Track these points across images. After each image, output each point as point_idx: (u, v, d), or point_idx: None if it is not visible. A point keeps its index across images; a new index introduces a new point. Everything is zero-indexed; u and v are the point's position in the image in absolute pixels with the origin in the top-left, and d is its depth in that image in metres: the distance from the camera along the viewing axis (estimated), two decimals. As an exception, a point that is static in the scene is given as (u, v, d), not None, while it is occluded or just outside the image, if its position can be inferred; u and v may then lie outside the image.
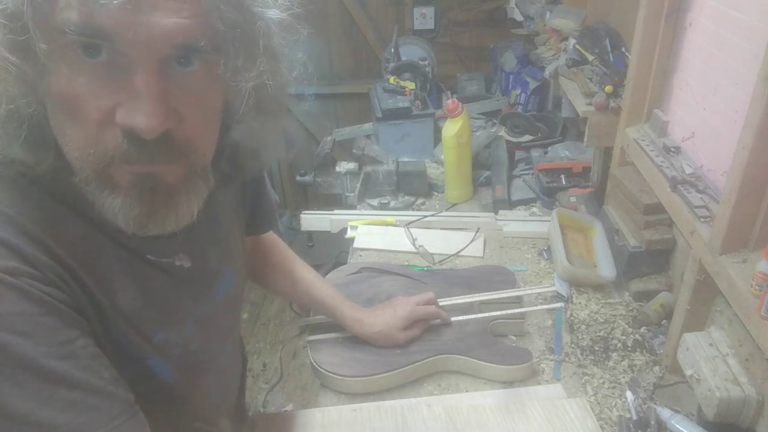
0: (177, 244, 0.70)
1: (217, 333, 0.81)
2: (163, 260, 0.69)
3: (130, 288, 0.65)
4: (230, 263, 0.81)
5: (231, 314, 0.85)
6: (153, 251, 0.67)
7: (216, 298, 0.78)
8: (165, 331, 0.70)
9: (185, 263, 0.71)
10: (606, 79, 1.64)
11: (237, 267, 0.83)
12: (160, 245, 0.68)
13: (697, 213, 1.18)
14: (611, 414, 1.17)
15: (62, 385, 0.54)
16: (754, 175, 0.99)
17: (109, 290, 0.63)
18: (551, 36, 2.14)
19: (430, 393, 1.23)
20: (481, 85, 2.66)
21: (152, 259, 0.67)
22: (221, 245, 0.78)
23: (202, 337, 0.76)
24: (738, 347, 1.08)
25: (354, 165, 2.14)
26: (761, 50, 0.94)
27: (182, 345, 0.73)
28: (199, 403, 0.79)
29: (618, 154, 1.60)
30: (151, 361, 0.69)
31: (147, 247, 0.67)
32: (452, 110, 1.85)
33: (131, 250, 0.65)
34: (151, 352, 0.68)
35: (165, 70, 0.52)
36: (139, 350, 0.67)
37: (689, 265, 1.19)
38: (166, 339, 0.70)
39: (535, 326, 1.42)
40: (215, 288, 0.77)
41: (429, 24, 3.20)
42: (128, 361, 0.66)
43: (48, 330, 0.54)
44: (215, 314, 0.78)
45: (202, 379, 0.79)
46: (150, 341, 0.68)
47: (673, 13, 1.37)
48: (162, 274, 0.69)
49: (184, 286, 0.72)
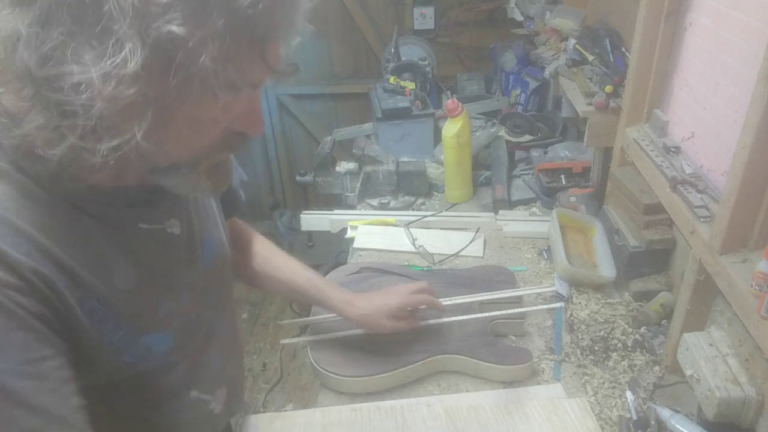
0: (167, 209, 0.72)
1: (212, 301, 0.82)
2: (155, 227, 0.70)
3: (125, 265, 0.65)
4: (211, 232, 0.82)
5: (222, 283, 0.86)
6: (145, 218, 0.69)
7: (204, 265, 0.79)
8: (167, 301, 0.71)
9: (175, 230, 0.73)
10: (606, 79, 1.64)
11: (218, 236, 0.84)
12: (152, 211, 0.70)
13: (697, 213, 1.18)
14: (611, 414, 1.17)
15: (22, 408, 0.51)
16: (754, 175, 0.99)
17: (104, 274, 0.63)
18: (551, 36, 2.14)
19: (430, 393, 1.23)
20: (481, 85, 2.65)
21: (145, 227, 0.68)
22: (201, 213, 0.80)
23: (198, 305, 0.77)
24: (738, 347, 1.08)
25: (354, 165, 2.14)
26: (761, 50, 0.94)
27: (183, 314, 0.74)
28: (197, 372, 0.80)
29: (618, 154, 1.60)
30: (153, 335, 0.69)
31: (139, 215, 0.68)
32: (452, 110, 1.85)
33: (123, 222, 0.66)
34: (155, 325, 0.69)
35: None
36: (143, 326, 0.68)
37: (689, 265, 1.19)
38: (168, 310, 0.71)
39: (535, 326, 1.42)
40: (202, 255, 0.78)
41: (429, 24, 3.20)
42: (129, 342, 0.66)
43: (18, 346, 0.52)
44: (206, 282, 0.80)
45: (201, 347, 0.80)
46: (155, 314, 0.69)
47: (673, 13, 1.37)
48: (155, 244, 0.70)
49: (176, 253, 0.73)
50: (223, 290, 0.87)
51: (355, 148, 2.14)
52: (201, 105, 0.55)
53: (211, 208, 0.85)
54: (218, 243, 0.84)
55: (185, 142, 0.59)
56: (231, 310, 0.92)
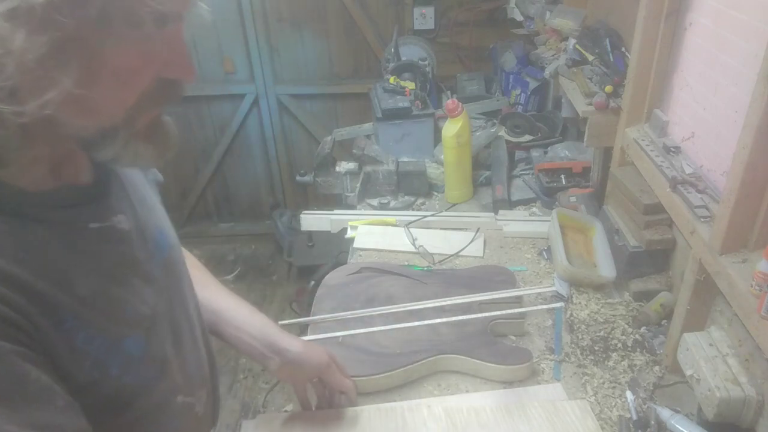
0: (111, 204, 0.68)
1: (175, 297, 0.78)
2: (104, 224, 0.66)
3: (83, 270, 0.62)
4: (158, 223, 0.78)
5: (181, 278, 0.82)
6: (93, 217, 0.65)
7: (159, 259, 0.75)
8: (132, 301, 0.68)
9: (124, 225, 0.69)
10: (606, 79, 1.64)
11: (168, 229, 0.81)
12: (97, 209, 0.66)
13: (697, 213, 1.18)
14: (611, 414, 1.17)
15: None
16: (754, 175, 0.99)
17: (65, 283, 0.59)
18: (551, 36, 2.14)
19: (430, 393, 1.23)
20: (481, 85, 2.65)
21: (95, 226, 0.65)
22: (146, 206, 0.77)
23: (162, 302, 0.74)
24: (738, 347, 1.08)
25: (354, 165, 2.14)
26: (761, 50, 0.94)
27: (151, 315, 0.71)
28: (178, 376, 0.77)
29: (618, 154, 1.60)
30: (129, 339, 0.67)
31: (85, 214, 0.64)
32: (452, 110, 1.85)
33: (72, 224, 0.62)
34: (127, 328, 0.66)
35: None
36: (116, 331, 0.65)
37: (689, 265, 1.19)
38: (135, 310, 0.68)
39: (535, 326, 1.42)
40: (156, 249, 0.75)
41: (429, 24, 3.20)
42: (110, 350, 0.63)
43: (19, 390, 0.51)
44: (166, 277, 0.76)
45: (177, 348, 0.77)
46: (123, 315, 0.66)
47: (673, 13, 1.37)
48: (107, 243, 0.66)
49: (130, 249, 0.70)
50: (183, 285, 0.83)
51: (355, 148, 2.14)
52: (126, 50, 0.52)
53: (153, 201, 0.81)
54: (169, 236, 0.80)
55: (115, 95, 0.55)
56: (195, 306, 0.87)
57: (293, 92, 3.51)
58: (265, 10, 3.24)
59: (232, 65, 3.42)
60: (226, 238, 3.93)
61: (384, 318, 1.36)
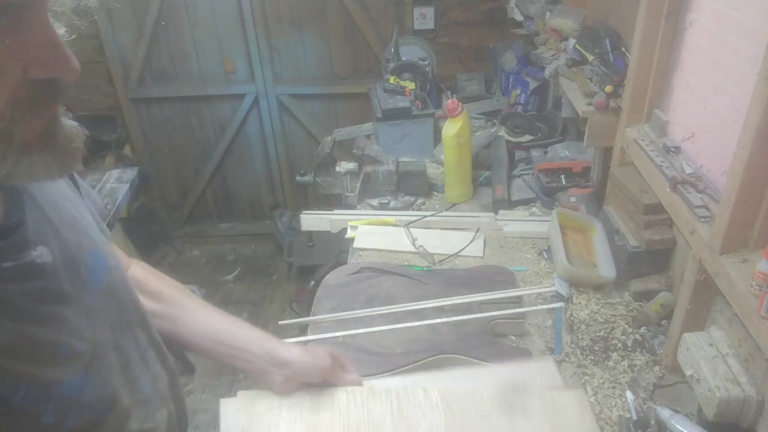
0: (28, 238, 0.60)
1: (118, 323, 0.73)
2: (20, 262, 0.58)
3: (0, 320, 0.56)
4: (93, 246, 0.71)
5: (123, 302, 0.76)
6: (5, 256, 0.57)
7: (96, 287, 0.69)
8: (65, 340, 0.62)
9: (46, 258, 0.61)
10: (606, 79, 1.64)
11: (103, 253, 0.73)
12: (11, 245, 0.58)
13: (697, 213, 1.18)
14: (611, 414, 1.17)
15: None
16: (754, 175, 0.99)
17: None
18: (551, 36, 2.14)
19: (430, 393, 1.23)
20: (481, 85, 2.65)
21: (8, 265, 0.57)
22: (76, 229, 0.69)
23: (106, 331, 0.69)
24: (738, 347, 1.08)
25: (354, 165, 2.14)
26: (761, 50, 0.94)
27: (91, 349, 0.65)
28: (129, 403, 0.72)
29: (618, 154, 1.60)
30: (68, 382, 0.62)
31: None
32: (452, 110, 1.85)
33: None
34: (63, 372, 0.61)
35: None
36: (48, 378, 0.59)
37: (689, 265, 1.19)
38: (71, 349, 0.62)
39: (535, 326, 1.42)
40: (91, 277, 0.68)
41: (429, 24, 3.20)
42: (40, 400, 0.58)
43: None
44: (106, 304, 0.70)
45: (127, 375, 0.72)
46: (56, 360, 0.61)
47: (673, 13, 1.37)
48: (27, 281, 0.59)
49: (56, 284, 0.63)
50: (127, 306, 0.77)
51: (355, 148, 2.14)
52: None
53: (86, 222, 0.73)
54: (107, 258, 0.74)
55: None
56: (144, 325, 0.81)
57: (293, 92, 3.51)
58: (265, 10, 3.24)
59: (232, 65, 3.42)
60: (226, 238, 3.93)
61: (384, 318, 1.36)
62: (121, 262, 0.79)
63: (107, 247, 0.76)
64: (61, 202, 0.70)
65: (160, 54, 3.37)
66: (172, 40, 3.32)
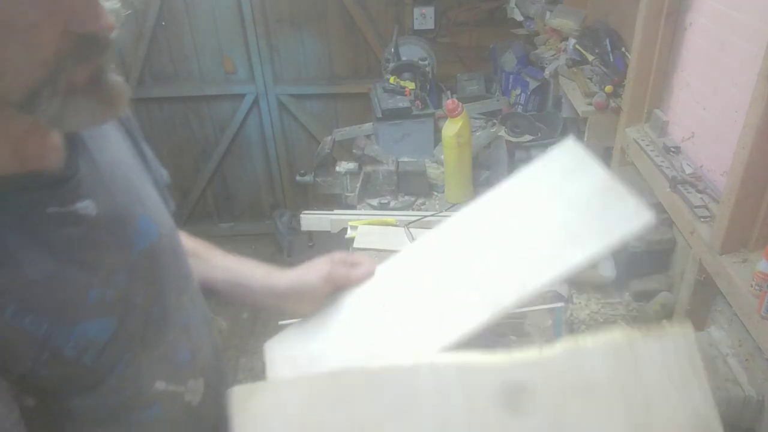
0: (78, 189, 0.66)
1: (161, 286, 0.76)
2: (66, 209, 0.65)
3: (36, 254, 0.61)
4: (144, 211, 0.76)
5: (170, 268, 0.79)
6: (52, 202, 0.63)
7: (139, 246, 0.73)
8: (96, 287, 0.66)
9: (90, 211, 0.67)
10: (606, 79, 1.64)
11: (154, 216, 0.78)
12: (59, 194, 0.64)
13: (697, 213, 1.18)
14: (611, 414, 1.17)
15: None
16: (754, 175, 0.99)
17: (11, 267, 0.59)
18: (551, 36, 2.14)
19: (430, 393, 1.23)
20: (481, 85, 2.65)
21: (53, 210, 0.63)
22: (128, 194, 0.74)
23: (141, 290, 0.72)
24: (738, 347, 1.08)
25: (354, 165, 2.14)
26: (761, 50, 0.94)
27: (123, 299, 0.70)
28: (159, 363, 0.75)
29: (618, 154, 1.60)
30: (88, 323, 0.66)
31: (44, 198, 0.63)
32: (452, 110, 1.86)
33: (27, 208, 0.62)
34: (87, 313, 0.66)
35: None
36: (72, 316, 0.64)
37: (689, 265, 1.19)
38: (101, 296, 0.67)
39: (535, 326, 1.42)
40: (134, 236, 0.73)
41: (429, 24, 3.20)
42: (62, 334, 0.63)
43: None
44: (149, 264, 0.74)
45: (160, 335, 0.75)
46: (84, 302, 0.65)
47: (673, 13, 1.37)
48: (67, 227, 0.65)
49: (97, 235, 0.68)
50: (174, 275, 0.80)
51: (355, 148, 2.14)
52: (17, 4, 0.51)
53: (143, 192, 0.78)
54: (159, 225, 0.78)
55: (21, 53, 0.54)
56: (193, 297, 0.85)
57: (293, 92, 3.51)
58: (265, 10, 3.24)
59: (232, 65, 3.42)
60: (227, 238, 3.93)
61: (384, 318, 1.35)
62: (177, 236, 0.84)
63: (162, 216, 0.80)
64: (119, 167, 0.76)
65: (160, 54, 3.37)
66: (172, 40, 3.32)
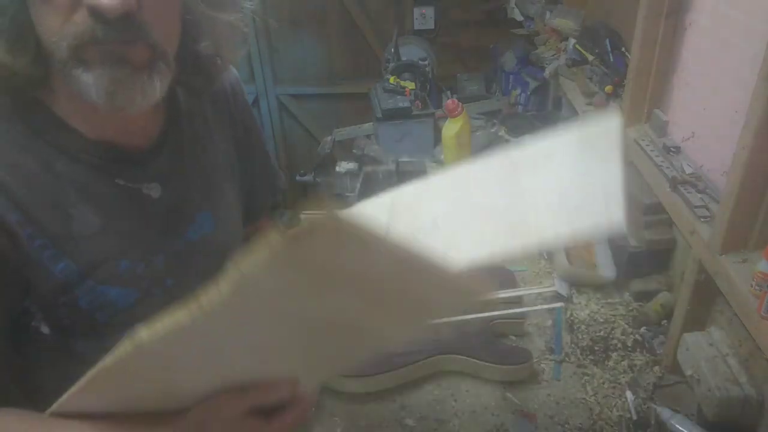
0: (150, 171, 0.72)
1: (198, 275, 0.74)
2: (131, 185, 0.70)
3: (87, 212, 0.67)
4: (209, 209, 0.80)
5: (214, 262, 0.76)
6: (123, 175, 0.70)
7: (189, 238, 0.77)
8: (129, 259, 0.70)
9: (153, 193, 0.73)
10: (606, 79, 1.64)
11: (218, 216, 0.81)
12: (132, 171, 0.70)
13: (697, 213, 1.18)
14: (611, 414, 1.17)
15: None
16: (754, 175, 0.99)
17: (62, 217, 0.65)
18: (551, 36, 2.14)
19: (430, 393, 1.23)
20: (481, 85, 2.66)
21: (120, 183, 0.69)
22: (201, 188, 0.79)
23: (178, 275, 0.75)
24: (738, 347, 1.08)
25: (354, 165, 2.14)
26: (761, 50, 0.94)
27: (153, 278, 0.73)
28: None
29: (618, 154, 1.60)
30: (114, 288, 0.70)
31: (117, 170, 0.69)
32: (452, 110, 1.86)
33: (99, 173, 0.68)
34: (114, 279, 0.69)
35: None
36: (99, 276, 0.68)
37: (689, 265, 1.19)
38: (132, 267, 0.71)
39: (535, 326, 1.42)
40: (187, 227, 0.77)
41: (429, 24, 3.20)
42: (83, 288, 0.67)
43: None
44: (192, 255, 0.77)
45: None
46: (114, 269, 0.69)
47: (673, 13, 1.37)
48: (126, 201, 0.70)
49: (151, 217, 0.73)
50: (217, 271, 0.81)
51: (355, 148, 2.14)
52: None
53: (217, 193, 0.82)
54: (216, 223, 0.81)
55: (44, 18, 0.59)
56: None
57: (293, 92, 3.51)
58: (266, 10, 3.24)
59: (232, 65, 3.42)
60: (226, 238, 3.94)
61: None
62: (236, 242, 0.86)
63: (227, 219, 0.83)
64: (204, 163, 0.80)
65: (160, 54, 3.36)
66: (172, 40, 3.32)
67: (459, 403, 1.22)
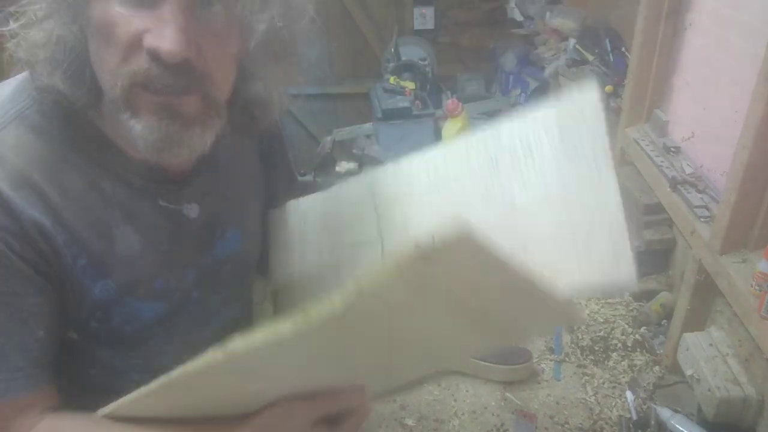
0: (190, 192, 0.72)
1: (222, 290, 0.81)
2: (173, 206, 0.71)
3: (129, 232, 0.67)
4: (238, 226, 0.81)
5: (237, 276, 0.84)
6: (165, 197, 0.70)
7: (218, 254, 0.78)
8: (164, 276, 0.71)
9: (192, 213, 0.73)
10: (606, 79, 1.64)
11: (245, 232, 0.83)
12: (174, 192, 0.71)
13: (697, 213, 1.18)
14: (611, 414, 1.17)
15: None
16: (754, 175, 0.99)
17: (106, 238, 0.65)
18: (551, 36, 2.14)
19: (430, 393, 1.23)
20: (481, 85, 2.66)
21: (163, 204, 0.70)
22: (232, 206, 0.79)
23: (203, 288, 0.77)
24: (738, 347, 1.08)
25: (354, 165, 2.15)
26: (761, 50, 0.94)
27: (183, 291, 0.74)
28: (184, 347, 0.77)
29: (618, 154, 1.60)
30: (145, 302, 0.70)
31: (161, 192, 0.69)
32: (452, 110, 1.86)
33: (143, 194, 0.68)
34: (148, 295, 0.70)
35: (190, 8, 0.57)
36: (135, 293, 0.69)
37: (689, 265, 1.19)
38: (166, 284, 0.72)
39: (535, 326, 1.42)
40: (217, 243, 0.78)
41: (429, 24, 3.19)
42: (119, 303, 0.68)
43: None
44: (218, 270, 0.79)
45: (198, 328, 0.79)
46: (150, 286, 0.70)
47: (673, 13, 1.37)
48: (167, 221, 0.71)
49: (187, 235, 0.73)
50: (239, 284, 0.86)
51: (355, 148, 2.14)
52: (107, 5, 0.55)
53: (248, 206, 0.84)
54: (244, 239, 0.82)
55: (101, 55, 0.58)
56: (245, 305, 0.92)
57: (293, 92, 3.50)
58: (265, 10, 3.24)
59: (232, 65, 3.42)
60: (226, 238, 3.94)
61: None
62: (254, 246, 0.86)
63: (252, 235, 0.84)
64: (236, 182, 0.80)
65: (160, 54, 3.37)
66: (172, 40, 3.32)
67: (459, 403, 1.22)
